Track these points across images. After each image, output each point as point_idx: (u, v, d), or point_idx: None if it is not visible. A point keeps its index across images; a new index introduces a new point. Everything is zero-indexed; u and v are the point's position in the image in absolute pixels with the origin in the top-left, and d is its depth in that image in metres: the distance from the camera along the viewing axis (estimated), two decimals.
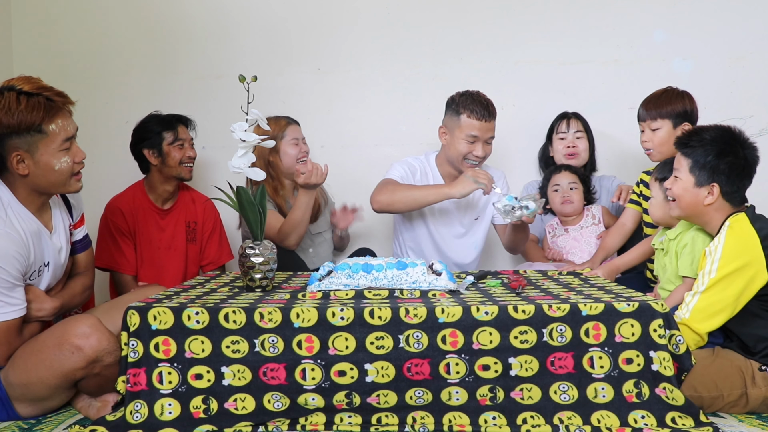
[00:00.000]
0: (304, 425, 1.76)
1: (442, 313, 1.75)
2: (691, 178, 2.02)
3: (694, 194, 2.02)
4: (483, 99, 2.66)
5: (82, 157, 2.00)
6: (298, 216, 2.69)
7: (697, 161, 2.00)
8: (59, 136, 1.92)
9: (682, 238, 2.21)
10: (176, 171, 2.75)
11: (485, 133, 2.65)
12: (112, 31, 3.25)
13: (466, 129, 2.64)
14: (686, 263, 2.17)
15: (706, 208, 2.02)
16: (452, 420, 1.75)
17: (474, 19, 3.21)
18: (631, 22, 3.17)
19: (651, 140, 2.55)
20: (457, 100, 2.68)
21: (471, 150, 2.66)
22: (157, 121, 2.77)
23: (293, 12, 3.24)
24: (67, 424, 1.87)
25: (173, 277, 2.78)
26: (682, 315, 1.93)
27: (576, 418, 1.74)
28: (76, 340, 1.81)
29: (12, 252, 1.86)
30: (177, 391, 1.76)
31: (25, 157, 1.91)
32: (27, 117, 1.87)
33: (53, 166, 1.93)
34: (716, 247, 1.93)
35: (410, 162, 2.79)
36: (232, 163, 1.98)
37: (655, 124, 2.54)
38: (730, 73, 3.15)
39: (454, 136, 2.68)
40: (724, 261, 1.90)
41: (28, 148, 1.90)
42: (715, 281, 1.90)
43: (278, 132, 2.84)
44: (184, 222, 2.86)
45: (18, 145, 1.90)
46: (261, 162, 2.79)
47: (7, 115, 1.86)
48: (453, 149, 2.69)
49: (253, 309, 1.77)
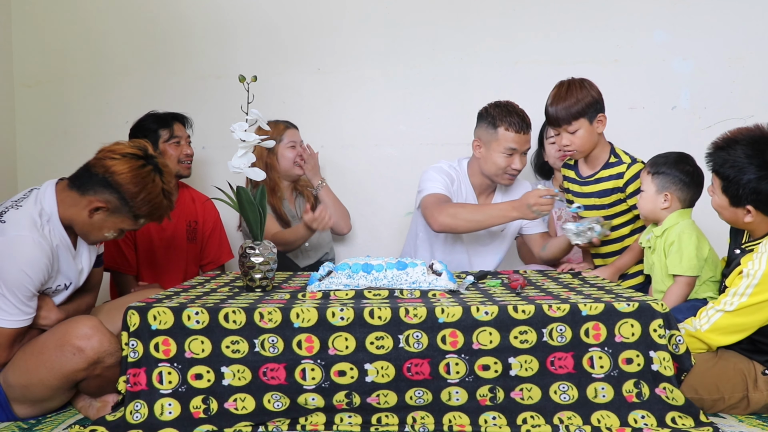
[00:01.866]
0: (304, 425, 1.76)
1: (442, 313, 1.75)
2: (725, 199, 1.96)
3: (733, 213, 1.97)
4: (519, 110, 2.59)
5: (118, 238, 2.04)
6: (290, 239, 2.77)
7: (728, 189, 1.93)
8: (130, 225, 1.99)
9: (669, 234, 2.20)
10: (174, 169, 2.75)
11: (523, 145, 2.59)
12: (111, 32, 3.24)
13: (504, 142, 2.56)
14: (675, 261, 2.16)
15: (747, 225, 1.98)
16: (452, 420, 1.75)
17: (474, 19, 3.21)
18: (631, 22, 3.17)
19: (572, 142, 2.44)
20: (492, 113, 2.60)
21: (509, 163, 2.58)
22: (154, 119, 2.78)
23: (293, 12, 3.24)
24: (67, 424, 1.87)
25: (174, 277, 2.78)
26: (698, 326, 1.91)
27: (576, 418, 1.74)
28: (77, 342, 1.82)
29: (42, 262, 1.86)
30: (177, 391, 1.76)
31: (101, 210, 1.93)
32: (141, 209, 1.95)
33: (102, 232, 1.98)
34: (756, 271, 1.85)
35: (446, 170, 2.69)
36: (232, 163, 1.98)
37: (572, 127, 2.42)
38: (730, 73, 3.14)
39: (490, 149, 2.59)
40: (761, 288, 1.84)
41: (108, 210, 1.94)
42: (746, 305, 1.86)
43: (276, 135, 2.89)
44: (185, 221, 2.86)
45: (108, 199, 1.93)
46: (260, 163, 2.84)
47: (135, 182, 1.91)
48: (490, 163, 2.61)
49: (253, 309, 1.77)
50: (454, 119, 3.22)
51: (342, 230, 3.15)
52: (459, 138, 3.22)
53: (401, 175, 3.25)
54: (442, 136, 3.24)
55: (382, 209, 3.26)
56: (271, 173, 2.92)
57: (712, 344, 1.90)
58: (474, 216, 2.49)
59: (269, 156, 2.91)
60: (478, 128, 2.66)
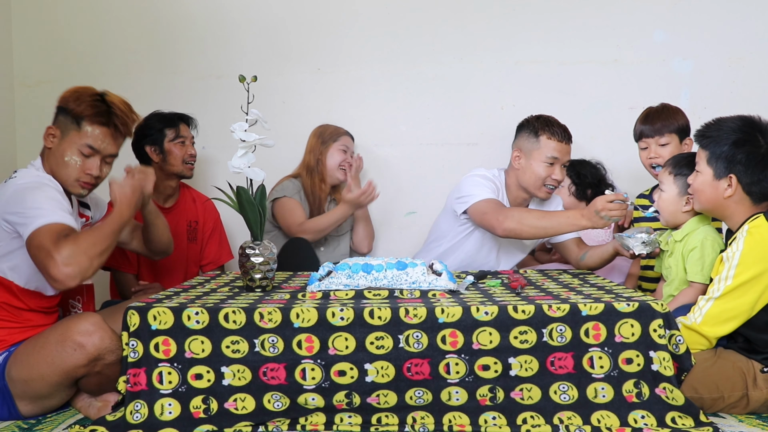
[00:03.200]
0: (304, 425, 1.76)
1: (442, 313, 1.75)
2: (709, 171, 1.98)
3: (714, 187, 1.98)
4: (559, 122, 2.60)
5: (93, 172, 2.05)
6: (325, 224, 2.85)
7: (714, 152, 1.96)
8: (86, 139, 2.02)
9: (689, 240, 2.17)
10: (178, 169, 2.76)
11: (565, 155, 2.58)
12: (112, 31, 3.25)
13: (546, 151, 2.55)
14: (696, 269, 2.13)
15: (726, 202, 1.98)
16: (452, 420, 1.75)
17: (474, 19, 3.21)
18: (631, 22, 3.17)
19: (661, 156, 2.48)
20: (534, 123, 2.60)
21: (550, 173, 2.56)
22: (159, 118, 2.78)
23: (293, 12, 3.24)
24: (67, 424, 1.88)
25: (174, 277, 2.78)
26: (693, 319, 1.92)
27: (576, 418, 1.74)
28: (78, 338, 1.82)
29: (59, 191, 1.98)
30: (177, 391, 1.76)
31: (56, 135, 2.04)
32: (81, 105, 2.01)
33: (64, 157, 2.02)
34: (734, 253, 1.90)
35: (489, 177, 2.65)
36: (232, 163, 1.98)
37: (663, 140, 2.49)
38: (730, 73, 3.14)
39: (531, 158, 2.58)
40: (742, 268, 1.87)
41: (63, 130, 2.03)
42: (731, 288, 1.88)
43: (335, 134, 3.02)
44: (186, 221, 2.86)
45: (58, 122, 2.04)
46: (311, 156, 3.01)
47: (75, 97, 2.03)
48: (530, 173, 2.59)
49: (253, 309, 1.77)
50: (454, 119, 3.23)
51: (363, 249, 3.14)
52: (459, 138, 3.24)
53: (401, 175, 3.25)
54: (442, 136, 3.24)
55: (382, 209, 3.25)
56: (320, 167, 3.00)
57: (710, 336, 1.91)
58: (541, 222, 2.40)
59: (322, 149, 3.00)
60: (519, 139, 2.64)
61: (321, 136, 3.03)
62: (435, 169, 3.24)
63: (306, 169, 3.02)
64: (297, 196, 2.96)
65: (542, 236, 2.49)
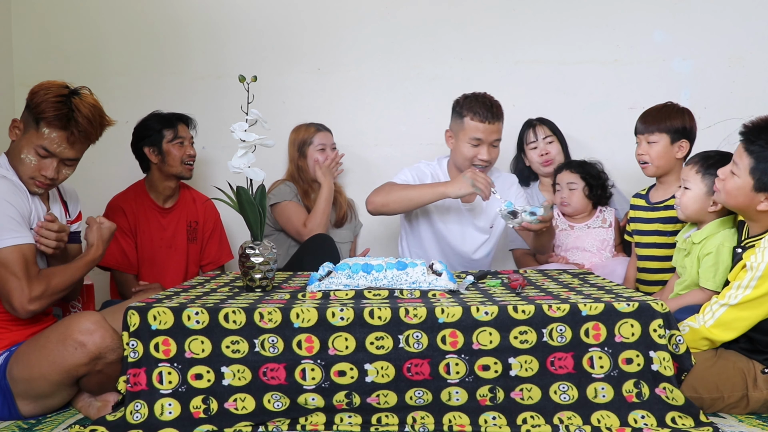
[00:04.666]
0: (304, 425, 1.76)
1: (442, 313, 1.75)
2: (749, 180, 1.90)
3: (750, 198, 1.92)
4: (488, 101, 2.58)
5: (47, 173, 1.99)
6: (321, 208, 2.90)
7: (761, 165, 1.87)
8: (42, 141, 1.97)
9: (706, 244, 2.14)
10: (177, 170, 2.76)
11: (489, 135, 2.57)
12: (112, 32, 3.25)
13: (470, 132, 2.57)
14: (709, 275, 2.11)
15: (757, 213, 1.94)
16: (452, 420, 1.75)
17: (474, 19, 3.21)
18: (631, 22, 3.17)
19: (647, 153, 2.48)
20: (462, 103, 2.62)
21: (476, 153, 2.59)
22: (158, 119, 2.78)
23: (293, 12, 3.24)
24: (67, 424, 1.87)
25: (174, 277, 2.78)
26: (703, 321, 1.90)
27: (576, 418, 1.74)
28: (79, 336, 1.82)
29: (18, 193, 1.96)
30: (177, 391, 1.76)
31: (19, 130, 2.01)
32: (41, 105, 1.95)
33: (20, 154, 1.99)
34: (759, 264, 1.84)
35: (421, 168, 2.72)
36: (232, 163, 1.98)
37: (653, 138, 2.47)
38: (730, 73, 3.15)
39: (458, 139, 2.62)
40: (763, 280, 1.83)
41: (25, 126, 2.00)
42: (750, 298, 1.85)
43: (307, 138, 3.01)
44: (186, 221, 2.86)
45: (23, 116, 2.00)
46: (293, 165, 3.04)
47: (42, 94, 1.96)
48: (459, 153, 2.63)
49: (253, 309, 1.77)
50: None
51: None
52: None
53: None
54: (442, 136, 3.23)
55: None
56: (304, 175, 3.04)
57: (716, 340, 1.90)
58: (405, 192, 2.53)
59: (300, 159, 3.02)
60: (451, 120, 2.68)
61: (295, 144, 3.07)
62: None
63: (292, 177, 3.07)
64: (295, 198, 3.00)
65: (410, 206, 2.58)
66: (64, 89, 1.99)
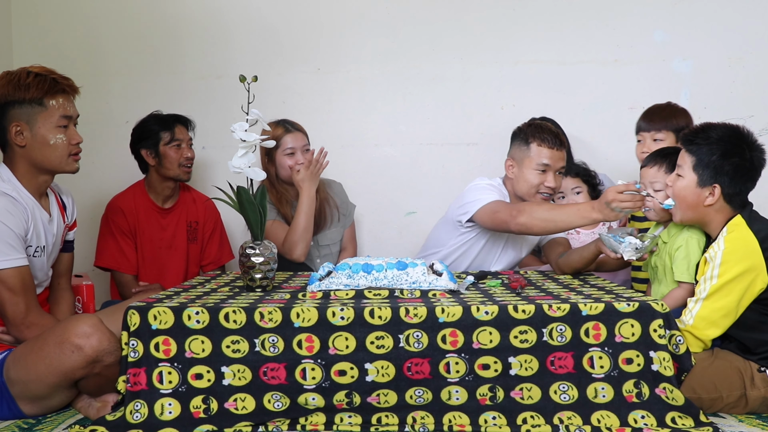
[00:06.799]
0: (304, 425, 1.76)
1: (442, 312, 1.75)
2: (693, 177, 1.99)
3: (696, 194, 1.99)
4: (552, 128, 2.55)
5: (78, 140, 2.08)
6: (302, 221, 2.60)
7: (701, 159, 1.97)
8: (57, 112, 2.03)
9: (676, 239, 2.17)
10: (173, 172, 2.74)
11: (557, 162, 2.51)
12: (111, 32, 3.25)
13: (537, 158, 2.49)
14: (682, 268, 2.13)
15: (706, 210, 2.00)
16: (452, 420, 1.75)
17: (474, 19, 3.21)
18: (631, 22, 3.17)
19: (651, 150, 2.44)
20: (525, 130, 2.55)
21: (542, 180, 2.50)
22: (156, 120, 2.76)
23: (293, 12, 3.24)
24: (67, 424, 1.87)
25: (174, 277, 2.78)
26: (686, 321, 1.93)
27: (576, 418, 1.74)
28: (76, 340, 1.81)
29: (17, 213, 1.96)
30: (177, 391, 1.76)
31: (24, 129, 2.01)
32: (31, 89, 1.99)
33: (48, 140, 2.02)
34: (716, 253, 1.92)
35: (495, 186, 2.57)
36: (232, 163, 1.98)
37: (659, 135, 2.51)
38: (730, 73, 3.15)
39: (523, 166, 2.53)
40: (725, 267, 1.89)
41: (28, 120, 2.01)
42: (717, 288, 1.89)
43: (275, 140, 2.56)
44: (186, 221, 2.86)
45: (19, 116, 2.01)
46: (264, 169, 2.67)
47: (15, 86, 1.99)
48: (523, 181, 2.53)
49: (253, 309, 1.77)
50: (454, 119, 3.23)
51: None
52: (459, 138, 3.24)
53: (401, 175, 3.25)
54: (442, 136, 3.25)
55: (382, 209, 3.26)
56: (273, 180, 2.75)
57: (704, 337, 1.92)
58: (551, 215, 2.28)
59: (269, 164, 2.75)
60: (512, 148, 2.60)
61: (264, 149, 2.72)
62: (435, 169, 3.24)
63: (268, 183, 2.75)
64: (272, 213, 2.71)
65: (553, 230, 2.37)
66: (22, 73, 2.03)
